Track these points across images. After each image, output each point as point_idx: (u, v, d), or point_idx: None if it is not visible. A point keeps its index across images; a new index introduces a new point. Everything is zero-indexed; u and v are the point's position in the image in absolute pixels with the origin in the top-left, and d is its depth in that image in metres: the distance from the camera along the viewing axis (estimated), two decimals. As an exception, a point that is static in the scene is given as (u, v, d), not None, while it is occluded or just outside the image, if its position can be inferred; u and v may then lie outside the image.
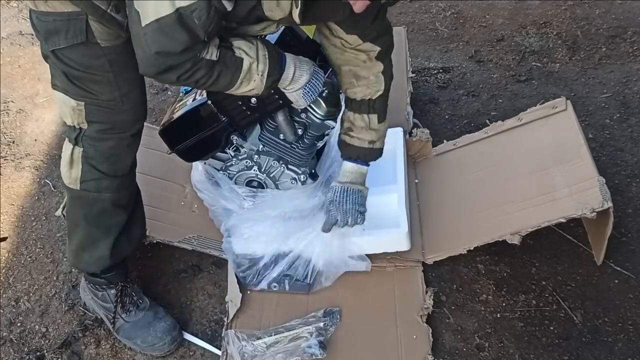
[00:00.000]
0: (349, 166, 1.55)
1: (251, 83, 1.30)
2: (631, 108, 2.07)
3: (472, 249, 1.59)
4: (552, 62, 2.32)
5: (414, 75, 2.25)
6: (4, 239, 1.93)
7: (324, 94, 1.51)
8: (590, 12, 2.50)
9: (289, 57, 1.36)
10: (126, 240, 1.54)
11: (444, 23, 2.60)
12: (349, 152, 1.54)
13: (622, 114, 2.05)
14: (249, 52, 1.28)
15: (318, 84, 1.42)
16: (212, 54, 1.22)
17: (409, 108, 2.02)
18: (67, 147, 1.44)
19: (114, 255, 1.52)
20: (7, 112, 2.39)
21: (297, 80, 1.38)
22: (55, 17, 1.25)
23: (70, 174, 1.44)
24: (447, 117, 2.16)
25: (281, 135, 1.59)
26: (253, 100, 1.46)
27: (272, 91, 1.41)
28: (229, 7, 1.16)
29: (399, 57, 2.18)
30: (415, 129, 1.94)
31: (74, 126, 1.40)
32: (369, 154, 1.54)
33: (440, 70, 2.36)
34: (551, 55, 2.35)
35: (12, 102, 2.43)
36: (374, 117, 1.50)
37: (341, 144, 1.56)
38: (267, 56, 1.30)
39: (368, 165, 1.55)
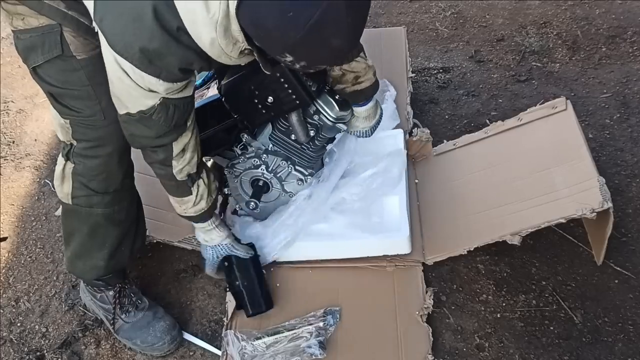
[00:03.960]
0: (368, 107, 1.54)
1: (177, 205, 1.48)
2: (631, 108, 2.07)
3: (472, 249, 1.59)
4: (552, 62, 2.32)
5: (414, 75, 2.25)
6: (4, 239, 1.93)
7: (336, 97, 1.51)
8: (590, 12, 2.50)
9: (210, 222, 1.53)
10: (123, 253, 1.53)
11: (444, 23, 2.60)
12: (366, 94, 1.52)
13: (622, 114, 2.05)
14: (199, 196, 1.45)
15: (208, 256, 1.59)
16: (178, 172, 1.37)
17: (409, 108, 2.02)
18: (60, 161, 1.43)
19: (109, 266, 1.52)
20: (7, 112, 2.39)
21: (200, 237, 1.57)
22: (31, 33, 1.24)
23: (62, 189, 1.44)
24: (447, 117, 2.16)
25: (292, 135, 1.58)
26: (269, 99, 1.46)
27: (290, 91, 1.43)
28: (189, 93, 1.25)
29: (399, 57, 2.18)
30: (415, 129, 1.94)
31: (65, 142, 1.40)
32: (377, 86, 1.53)
33: (440, 70, 2.36)
34: (551, 55, 2.35)
35: (12, 102, 2.44)
36: (363, 54, 1.48)
37: (354, 95, 1.52)
38: (201, 211, 1.47)
39: None
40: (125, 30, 1.10)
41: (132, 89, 1.18)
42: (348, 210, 1.69)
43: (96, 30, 1.14)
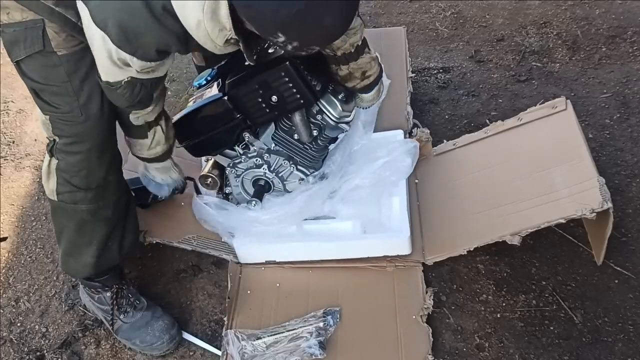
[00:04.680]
0: (373, 92, 1.58)
1: (131, 145, 1.50)
2: (631, 108, 2.06)
3: (472, 249, 1.59)
4: (552, 62, 2.32)
5: (414, 75, 2.25)
6: (4, 239, 1.94)
7: (340, 96, 1.52)
8: (590, 12, 2.50)
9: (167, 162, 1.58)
10: (112, 250, 1.52)
11: (444, 23, 2.60)
12: (373, 85, 1.56)
13: (622, 114, 2.05)
14: (157, 138, 1.47)
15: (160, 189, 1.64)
16: (139, 121, 1.41)
17: (409, 108, 2.02)
18: (46, 157, 1.44)
19: (99, 264, 1.51)
20: (7, 112, 2.39)
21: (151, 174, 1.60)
22: (15, 27, 1.25)
23: (48, 185, 1.45)
24: (447, 117, 2.16)
25: (295, 135, 1.59)
26: (274, 98, 1.46)
27: (294, 91, 1.44)
28: (161, 74, 1.26)
29: (399, 57, 2.18)
30: (415, 129, 1.94)
31: (49, 138, 1.41)
32: (382, 73, 1.58)
33: (440, 70, 2.36)
34: (551, 55, 2.34)
35: (12, 102, 2.44)
36: (367, 48, 1.51)
37: (364, 89, 1.55)
38: (157, 154, 1.51)
39: None
40: (109, 6, 1.10)
41: (105, 59, 1.19)
42: (356, 201, 1.69)
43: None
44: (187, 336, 1.61)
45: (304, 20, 1.05)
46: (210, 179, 1.73)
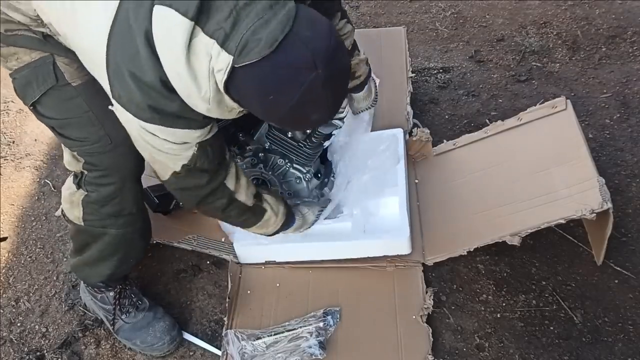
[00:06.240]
0: (364, 90, 1.61)
1: (264, 229, 1.50)
2: (631, 108, 2.06)
3: (472, 250, 1.59)
4: (552, 62, 2.32)
5: (414, 75, 2.25)
6: (4, 239, 1.94)
7: None
8: (590, 12, 2.50)
9: (298, 210, 1.59)
10: (130, 264, 1.55)
11: (444, 23, 2.60)
12: (363, 85, 1.59)
13: (622, 114, 2.05)
14: (273, 206, 1.46)
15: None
16: (247, 199, 1.38)
17: (409, 108, 2.02)
18: (70, 187, 1.42)
19: (113, 275, 1.54)
20: (7, 112, 2.39)
21: (300, 228, 1.61)
22: (25, 70, 1.25)
23: (73, 212, 1.44)
24: (447, 117, 2.16)
25: (289, 133, 1.59)
26: None
27: None
28: (216, 129, 1.27)
29: (399, 57, 2.18)
30: (415, 129, 1.94)
31: (76, 171, 1.39)
32: (370, 73, 1.60)
33: (440, 70, 2.36)
34: (551, 55, 2.34)
35: (12, 102, 2.43)
36: (357, 50, 1.55)
37: (354, 89, 1.57)
38: (285, 214, 1.50)
39: None
40: (145, 100, 1.10)
41: (167, 149, 1.18)
42: (357, 196, 1.69)
43: (113, 105, 1.15)
44: (187, 336, 1.61)
45: (292, 119, 1.14)
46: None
